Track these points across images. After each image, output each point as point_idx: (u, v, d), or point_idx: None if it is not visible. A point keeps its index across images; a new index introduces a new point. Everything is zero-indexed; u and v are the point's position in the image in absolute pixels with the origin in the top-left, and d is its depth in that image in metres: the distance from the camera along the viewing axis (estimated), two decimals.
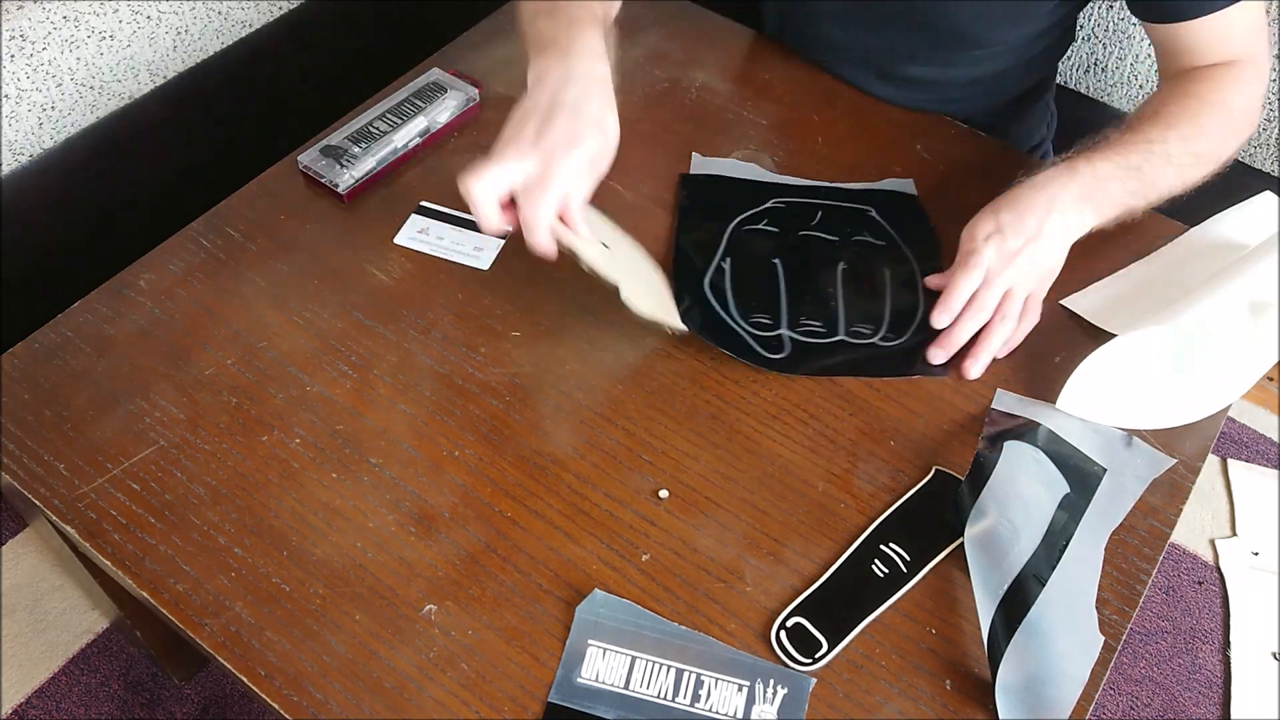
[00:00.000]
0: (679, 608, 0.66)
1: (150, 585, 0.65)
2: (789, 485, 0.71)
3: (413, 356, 0.77)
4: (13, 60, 0.95)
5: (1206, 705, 1.21)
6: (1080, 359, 0.74)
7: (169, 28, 1.06)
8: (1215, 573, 1.32)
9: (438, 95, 0.92)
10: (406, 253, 0.83)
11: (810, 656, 0.64)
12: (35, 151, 1.00)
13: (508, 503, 0.70)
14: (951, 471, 0.72)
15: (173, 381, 0.75)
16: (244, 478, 0.70)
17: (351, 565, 0.66)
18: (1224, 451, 1.43)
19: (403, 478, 0.70)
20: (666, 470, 0.72)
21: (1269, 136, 1.14)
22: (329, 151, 0.87)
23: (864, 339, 0.79)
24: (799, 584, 0.67)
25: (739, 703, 0.62)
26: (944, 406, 0.76)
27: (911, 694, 0.63)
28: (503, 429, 0.73)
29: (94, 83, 1.02)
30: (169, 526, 0.67)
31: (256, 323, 0.78)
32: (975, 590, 0.65)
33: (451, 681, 0.62)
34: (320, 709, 0.61)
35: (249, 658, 0.62)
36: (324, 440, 0.72)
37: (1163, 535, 0.70)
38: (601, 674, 0.62)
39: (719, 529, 0.69)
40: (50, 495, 0.69)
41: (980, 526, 0.67)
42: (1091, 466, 0.72)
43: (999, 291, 0.76)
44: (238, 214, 0.85)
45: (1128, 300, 0.81)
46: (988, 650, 0.63)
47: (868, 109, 0.96)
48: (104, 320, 0.78)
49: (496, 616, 0.65)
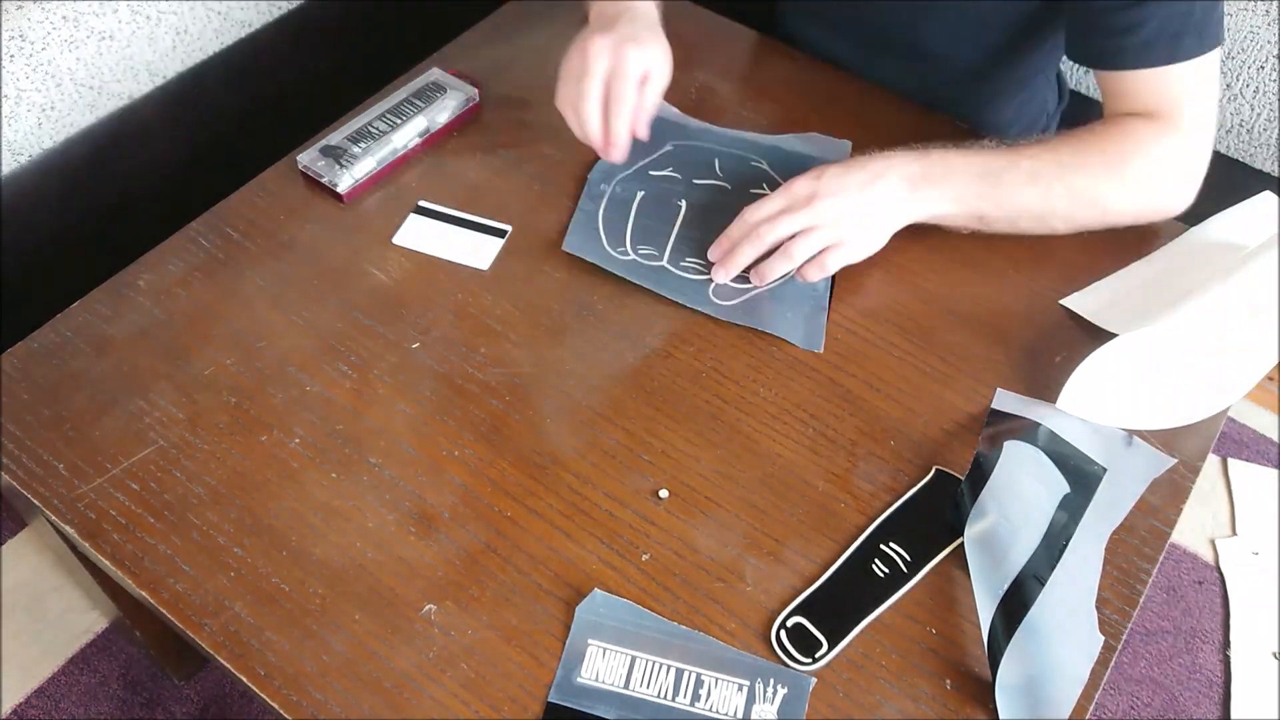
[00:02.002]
0: (679, 608, 0.66)
1: (149, 585, 0.65)
2: (789, 485, 0.71)
3: (413, 356, 0.77)
4: (12, 60, 0.95)
5: (1206, 705, 1.21)
6: (1080, 359, 0.74)
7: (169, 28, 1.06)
8: (1215, 573, 1.32)
9: (437, 95, 0.92)
10: (406, 253, 0.83)
11: (810, 656, 0.64)
12: (35, 151, 1.00)
13: (508, 502, 0.70)
14: (951, 471, 0.72)
15: (172, 381, 0.75)
16: (244, 478, 0.70)
17: (351, 565, 0.66)
18: (1224, 451, 1.43)
19: (403, 478, 0.70)
20: (666, 470, 0.72)
21: (1269, 136, 1.14)
22: (329, 151, 0.87)
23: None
24: (799, 584, 0.67)
25: (739, 702, 0.62)
26: (944, 406, 0.76)
27: (911, 694, 0.63)
28: (503, 429, 0.73)
29: (94, 83, 1.02)
30: (168, 526, 0.67)
31: (256, 323, 0.78)
32: (975, 590, 0.65)
33: (451, 681, 0.62)
34: (320, 709, 0.61)
35: (248, 657, 0.62)
36: (324, 440, 0.72)
37: (1163, 535, 0.70)
38: (601, 674, 0.62)
39: (719, 529, 0.69)
40: (50, 495, 0.69)
41: (980, 526, 0.67)
42: (1091, 466, 0.72)
43: (787, 228, 0.78)
44: (237, 214, 0.85)
45: (1128, 300, 0.81)
46: (988, 650, 0.63)
47: (868, 109, 0.96)
48: (103, 320, 0.78)
49: (496, 616, 0.65)
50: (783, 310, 0.81)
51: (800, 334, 0.79)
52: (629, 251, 0.83)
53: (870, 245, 0.80)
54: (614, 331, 0.79)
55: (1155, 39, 0.78)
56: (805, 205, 0.78)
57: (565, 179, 0.89)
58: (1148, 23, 0.77)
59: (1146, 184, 0.81)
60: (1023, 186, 0.79)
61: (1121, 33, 0.78)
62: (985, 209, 0.80)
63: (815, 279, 0.80)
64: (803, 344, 0.79)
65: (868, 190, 0.78)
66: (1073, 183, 0.79)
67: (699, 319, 0.80)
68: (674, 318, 0.80)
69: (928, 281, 0.84)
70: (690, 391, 0.76)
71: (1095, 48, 0.82)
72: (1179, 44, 0.78)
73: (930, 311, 0.82)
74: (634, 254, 0.83)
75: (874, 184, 0.78)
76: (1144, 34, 0.77)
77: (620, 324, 0.80)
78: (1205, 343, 0.75)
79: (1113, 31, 0.79)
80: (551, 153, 0.91)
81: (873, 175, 0.78)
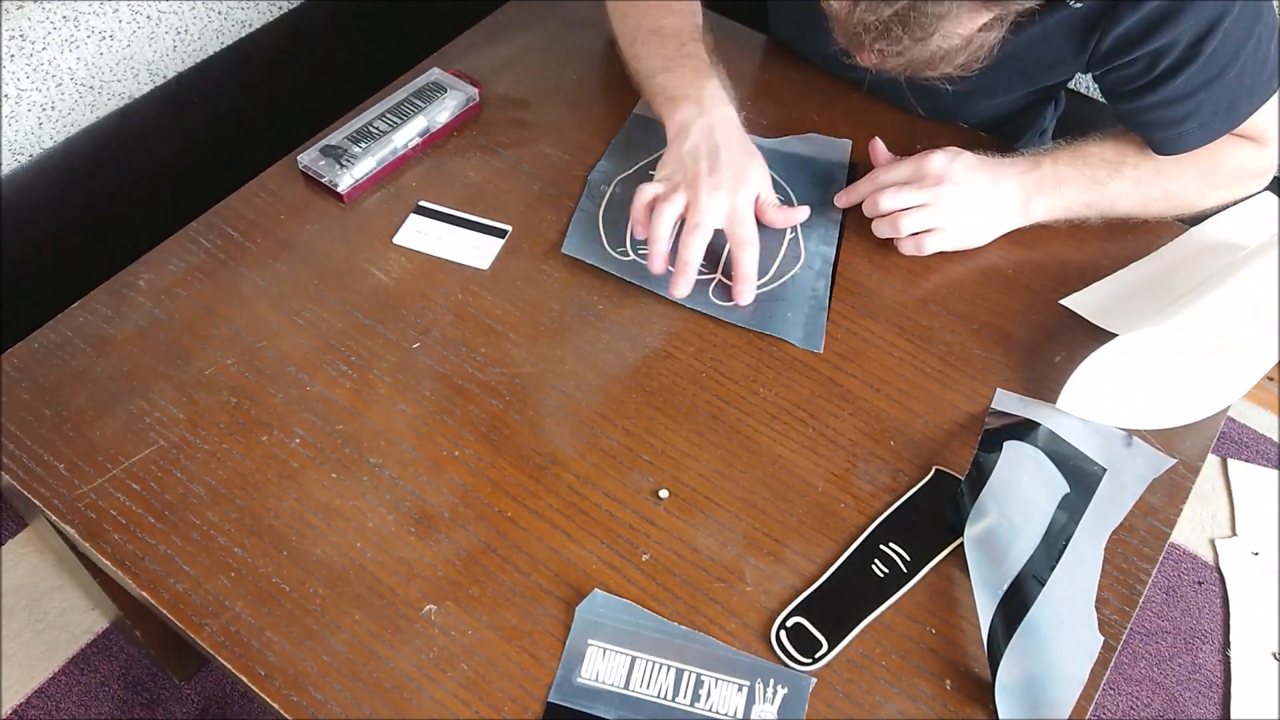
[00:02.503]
0: (679, 608, 0.66)
1: (150, 585, 0.65)
2: (789, 485, 0.71)
3: (413, 356, 0.77)
4: (13, 60, 0.95)
5: (1206, 705, 1.21)
6: (1080, 359, 0.74)
7: (169, 28, 1.06)
8: (1215, 573, 1.32)
9: (437, 95, 0.92)
10: (406, 253, 0.83)
11: (810, 656, 0.64)
12: (35, 151, 1.00)
13: (508, 503, 0.70)
14: (951, 471, 0.72)
15: (172, 381, 0.75)
16: (244, 478, 0.70)
17: (351, 565, 0.66)
18: (1224, 451, 1.43)
19: (403, 478, 0.70)
20: (666, 470, 0.72)
21: None
22: (329, 151, 0.87)
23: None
24: (799, 584, 0.67)
25: (739, 703, 0.62)
26: (944, 406, 0.76)
27: (911, 694, 0.63)
28: (503, 429, 0.73)
29: (94, 83, 1.02)
30: (169, 526, 0.67)
31: (256, 322, 0.78)
32: (975, 590, 0.65)
33: (451, 681, 0.62)
34: (320, 709, 0.61)
35: (249, 658, 0.62)
36: (324, 440, 0.72)
37: (1163, 535, 0.70)
38: (601, 674, 0.62)
39: (719, 529, 0.69)
40: (50, 495, 0.69)
41: (980, 526, 0.67)
42: (1091, 466, 0.72)
43: (907, 199, 0.80)
44: (237, 214, 0.85)
45: (1128, 300, 0.81)
46: (987, 650, 0.63)
47: (867, 110, 0.96)
48: (104, 320, 0.78)
49: (496, 616, 0.65)
50: (782, 310, 0.81)
51: (800, 334, 0.79)
52: (629, 252, 0.83)
53: (974, 241, 0.83)
54: (614, 331, 0.79)
55: (1211, 119, 0.79)
56: (933, 184, 0.80)
57: (565, 179, 0.89)
58: (1202, 109, 0.78)
59: (1235, 184, 0.85)
60: (1125, 195, 0.82)
61: (1178, 122, 0.80)
62: (1088, 214, 0.84)
63: (909, 252, 0.83)
64: (803, 344, 0.79)
65: (991, 189, 0.80)
66: (1170, 189, 0.83)
67: (699, 319, 0.80)
68: (674, 318, 0.80)
69: (928, 281, 0.84)
70: (690, 391, 0.76)
71: (1155, 137, 0.82)
72: (1234, 112, 0.79)
73: (930, 311, 0.82)
74: (634, 254, 0.83)
75: (998, 185, 0.81)
76: (1200, 118, 0.79)
77: (620, 324, 0.80)
78: (1205, 343, 0.75)
79: (1168, 123, 0.80)
80: (551, 153, 0.91)
81: (997, 177, 0.81)
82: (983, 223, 0.83)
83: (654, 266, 0.78)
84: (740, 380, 0.77)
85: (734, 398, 0.76)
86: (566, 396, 0.75)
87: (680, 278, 0.77)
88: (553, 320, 0.80)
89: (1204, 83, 0.76)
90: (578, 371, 0.77)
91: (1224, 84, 0.77)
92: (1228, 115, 0.79)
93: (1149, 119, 0.81)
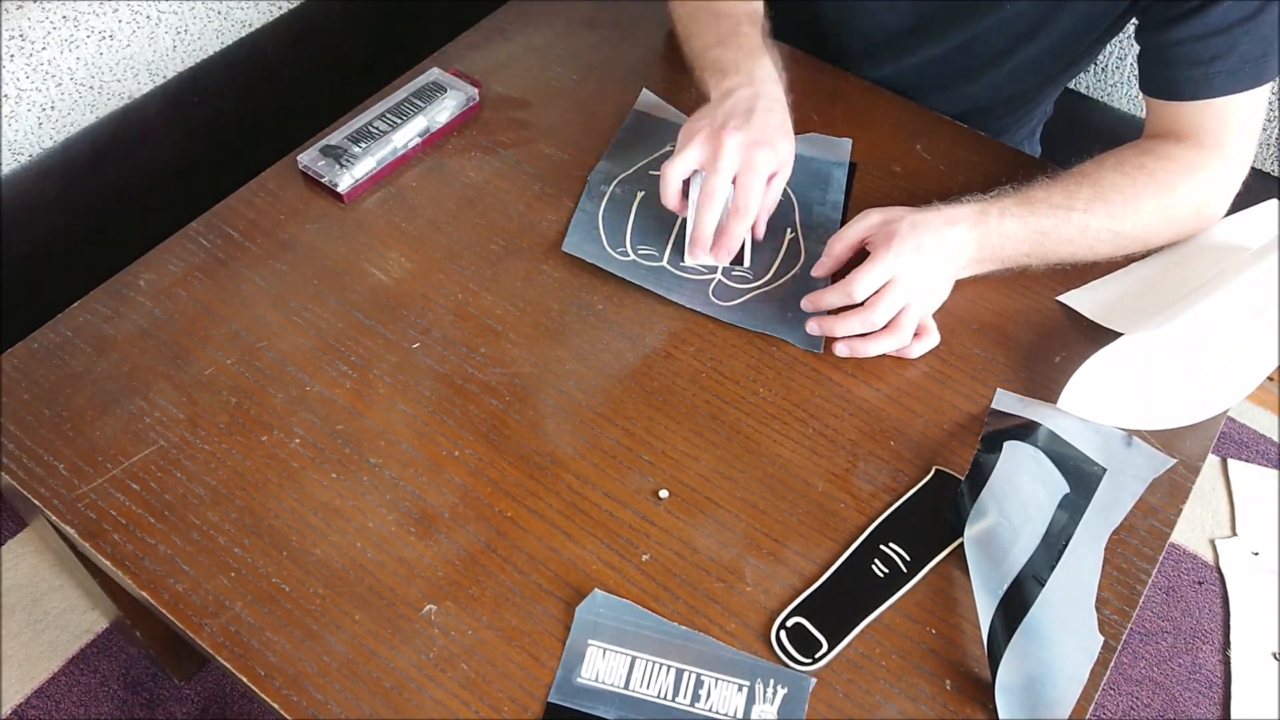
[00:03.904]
0: (679, 608, 0.66)
1: (150, 585, 0.65)
2: (789, 485, 0.71)
3: (413, 356, 0.77)
4: (13, 60, 0.95)
5: (1206, 705, 1.21)
6: (1080, 359, 0.74)
7: (169, 28, 1.06)
8: (1215, 573, 1.32)
9: (437, 95, 0.92)
10: (406, 252, 0.83)
11: (810, 656, 0.64)
12: (35, 151, 1.00)
13: (508, 503, 0.70)
14: (951, 471, 0.72)
15: (172, 381, 0.75)
16: (244, 478, 0.70)
17: (351, 565, 0.66)
18: (1224, 451, 1.43)
19: (403, 478, 0.70)
20: (666, 470, 0.72)
21: (1269, 136, 1.14)
22: (329, 151, 0.87)
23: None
24: (799, 584, 0.67)
25: (739, 703, 0.62)
26: (944, 406, 0.76)
27: (911, 694, 0.63)
28: (503, 429, 0.73)
29: (94, 83, 1.02)
30: (169, 526, 0.67)
31: (256, 322, 0.78)
32: (975, 590, 0.65)
33: (451, 681, 0.62)
34: (320, 709, 0.61)
35: (249, 657, 0.62)
36: (324, 440, 0.72)
37: (1163, 535, 0.70)
38: (601, 674, 0.62)
39: (719, 529, 0.69)
40: (50, 495, 0.69)
41: (980, 526, 0.67)
42: (1091, 466, 0.72)
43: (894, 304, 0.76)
44: (237, 214, 0.85)
45: (1127, 299, 0.81)
46: (987, 650, 0.63)
47: (867, 109, 0.96)
48: (104, 320, 0.78)
49: (496, 616, 0.65)
50: (782, 310, 0.80)
51: (800, 334, 0.79)
52: (629, 252, 0.83)
53: (935, 305, 0.80)
54: (614, 331, 0.79)
55: (1240, 67, 0.77)
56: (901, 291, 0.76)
57: (565, 179, 0.89)
58: (1235, 50, 0.77)
59: (1195, 219, 0.83)
60: (1070, 241, 0.80)
61: (1207, 61, 0.78)
62: (1030, 263, 0.82)
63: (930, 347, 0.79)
64: (803, 344, 0.79)
65: (947, 257, 0.78)
66: (1122, 231, 0.80)
67: (699, 319, 0.80)
68: (674, 318, 0.80)
69: None
70: (690, 391, 0.76)
71: (1180, 77, 0.80)
72: (1264, 65, 0.77)
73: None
74: (634, 254, 0.83)
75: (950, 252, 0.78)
76: (1230, 61, 0.77)
77: (620, 324, 0.80)
78: (1207, 345, 0.75)
79: (1196, 61, 0.78)
80: (551, 153, 0.91)
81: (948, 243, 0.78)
82: (945, 285, 0.80)
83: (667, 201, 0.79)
84: (740, 380, 0.77)
85: (734, 398, 0.76)
86: (566, 396, 0.75)
87: (697, 247, 0.79)
88: (553, 320, 0.80)
89: (1241, 19, 0.75)
90: (578, 371, 0.77)
91: (1260, 27, 0.75)
92: (1257, 67, 0.77)
93: (1178, 54, 0.78)
